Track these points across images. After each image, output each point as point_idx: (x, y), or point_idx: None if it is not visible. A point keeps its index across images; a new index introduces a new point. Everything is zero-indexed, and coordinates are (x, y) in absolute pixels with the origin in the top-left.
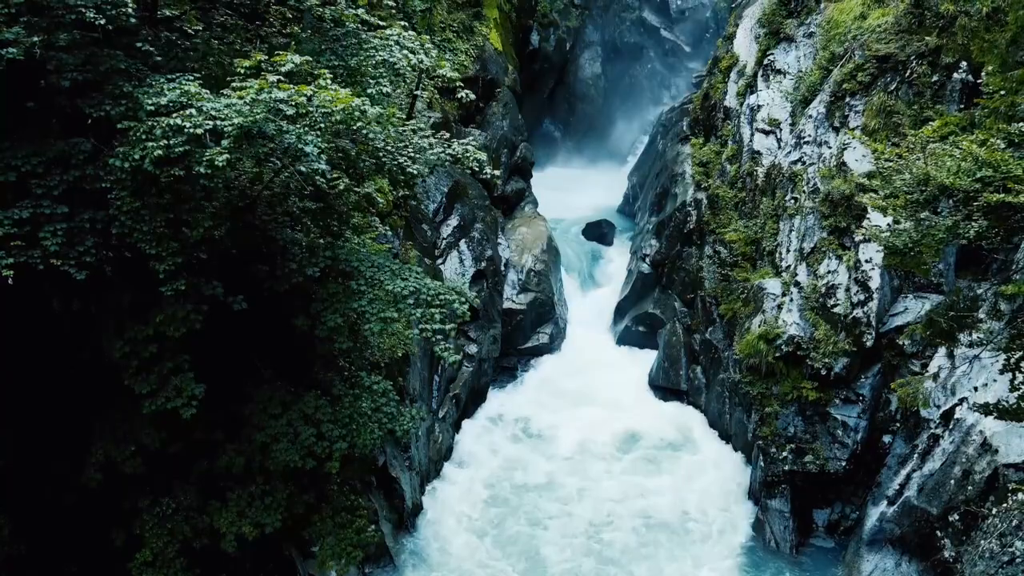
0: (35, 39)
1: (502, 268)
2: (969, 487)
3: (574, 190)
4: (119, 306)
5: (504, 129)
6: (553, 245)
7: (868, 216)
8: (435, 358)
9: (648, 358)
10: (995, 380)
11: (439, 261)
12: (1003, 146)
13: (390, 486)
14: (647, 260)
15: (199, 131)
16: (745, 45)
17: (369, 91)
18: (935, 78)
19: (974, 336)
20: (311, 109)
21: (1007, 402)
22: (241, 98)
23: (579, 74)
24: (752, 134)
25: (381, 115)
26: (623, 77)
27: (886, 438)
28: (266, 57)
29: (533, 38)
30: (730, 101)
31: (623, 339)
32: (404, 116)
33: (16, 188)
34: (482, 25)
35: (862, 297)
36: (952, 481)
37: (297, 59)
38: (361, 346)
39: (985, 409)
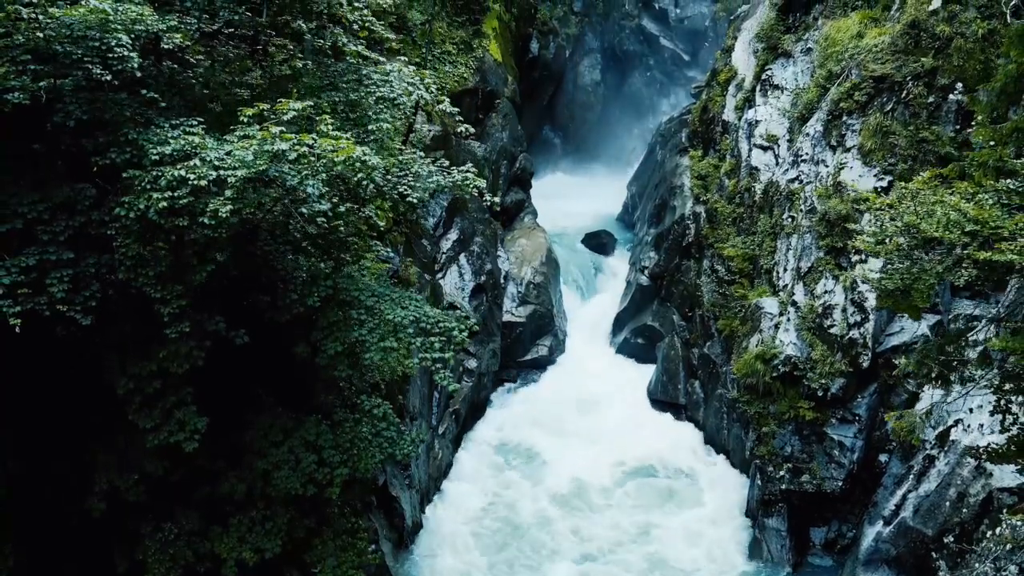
0: (41, 84)
1: (501, 281)
2: (964, 509)
3: (573, 197)
4: (122, 336)
5: (504, 140)
6: (552, 257)
7: (863, 235)
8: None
9: (647, 370)
10: (990, 401)
11: (439, 275)
12: (991, 202)
13: (390, 505)
14: (646, 272)
15: (203, 182)
16: (743, 59)
17: (370, 127)
18: (931, 99)
19: (966, 373)
20: (313, 159)
21: (997, 444)
22: (245, 148)
23: (578, 81)
24: (750, 149)
25: (381, 164)
26: (622, 85)
27: (882, 457)
28: (268, 106)
29: (533, 46)
30: (728, 115)
31: (622, 351)
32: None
33: (22, 234)
34: (482, 41)
35: (859, 318)
36: (947, 503)
37: (299, 106)
38: (361, 371)
39: (975, 453)
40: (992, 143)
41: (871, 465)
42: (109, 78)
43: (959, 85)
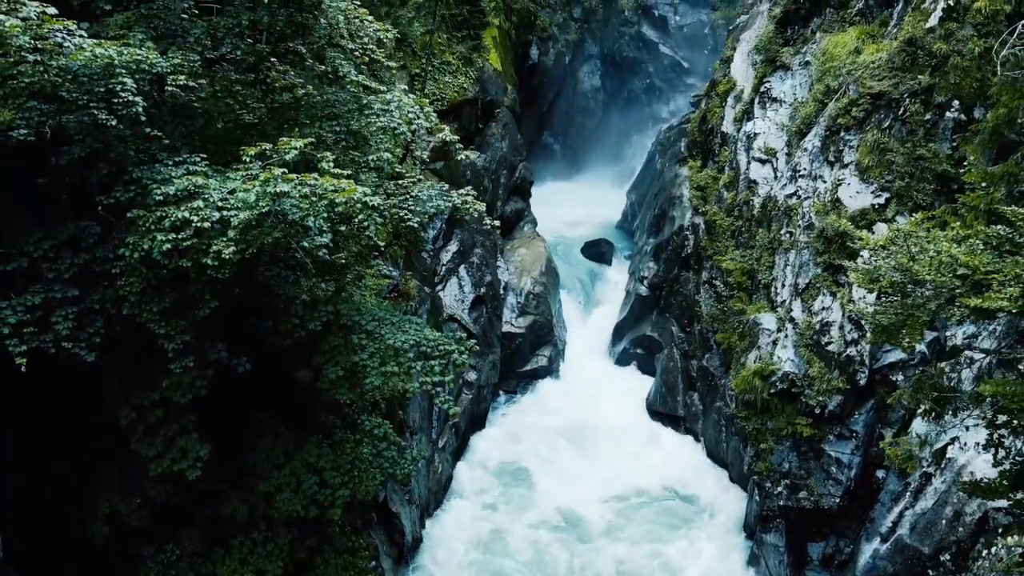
0: (47, 121)
1: (501, 292)
2: (960, 528)
3: (573, 204)
4: (124, 367)
5: (504, 150)
6: (552, 266)
7: (861, 255)
8: None
9: (646, 381)
10: (985, 429)
11: (439, 288)
12: (982, 247)
13: (390, 521)
14: (645, 283)
15: (206, 224)
16: (742, 70)
17: (370, 157)
18: (928, 116)
19: (959, 404)
20: (315, 199)
21: (990, 479)
22: (247, 190)
23: (578, 87)
24: (749, 162)
25: (382, 204)
26: (622, 91)
27: (879, 473)
28: (271, 146)
29: (532, 52)
30: (727, 127)
31: (621, 361)
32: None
33: (28, 272)
34: (481, 54)
35: (856, 335)
36: (944, 521)
37: (299, 144)
38: (362, 392)
39: (968, 488)
40: (984, 184)
41: (868, 481)
42: (114, 123)
43: (956, 103)
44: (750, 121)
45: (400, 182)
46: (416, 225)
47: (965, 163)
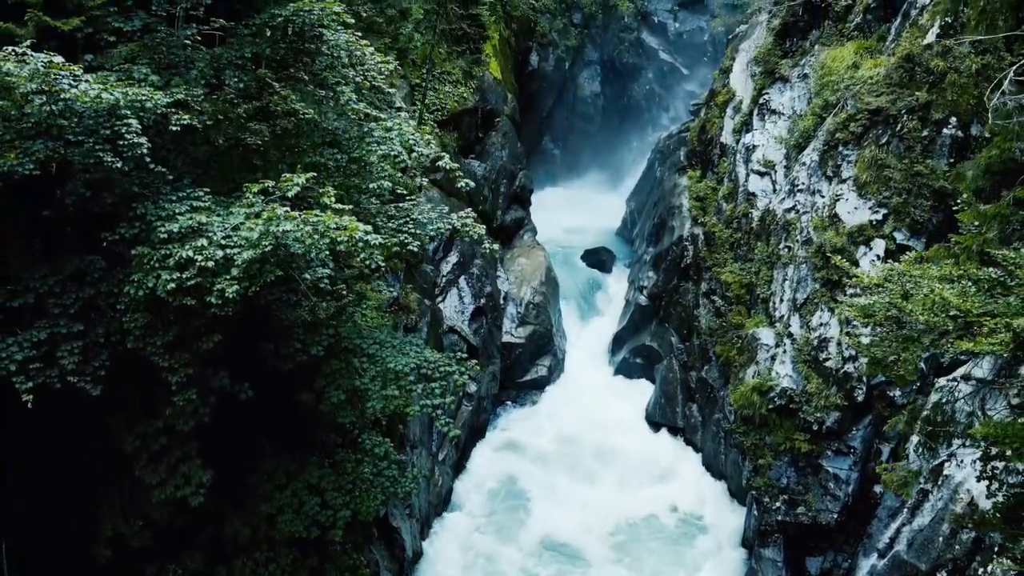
0: (53, 157)
1: (501, 302)
2: (957, 546)
3: (573, 210)
4: (128, 396)
5: (504, 159)
6: (552, 276)
7: (857, 273)
8: None
9: (645, 390)
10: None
11: (439, 299)
12: (974, 290)
13: (391, 536)
14: (645, 292)
15: (210, 263)
16: (741, 81)
17: (371, 186)
18: (925, 132)
19: (954, 436)
20: (317, 236)
21: (984, 510)
22: (251, 229)
23: (578, 93)
24: (748, 175)
25: (383, 243)
26: (621, 97)
27: (877, 488)
28: (273, 183)
29: (532, 59)
30: (726, 137)
31: (621, 370)
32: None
33: (34, 308)
34: (481, 68)
35: (853, 352)
36: (940, 538)
37: (301, 180)
38: (363, 413)
39: (960, 520)
40: (976, 223)
41: (866, 496)
42: (119, 165)
43: (953, 119)
44: (749, 133)
45: (401, 205)
46: (416, 249)
47: (959, 199)
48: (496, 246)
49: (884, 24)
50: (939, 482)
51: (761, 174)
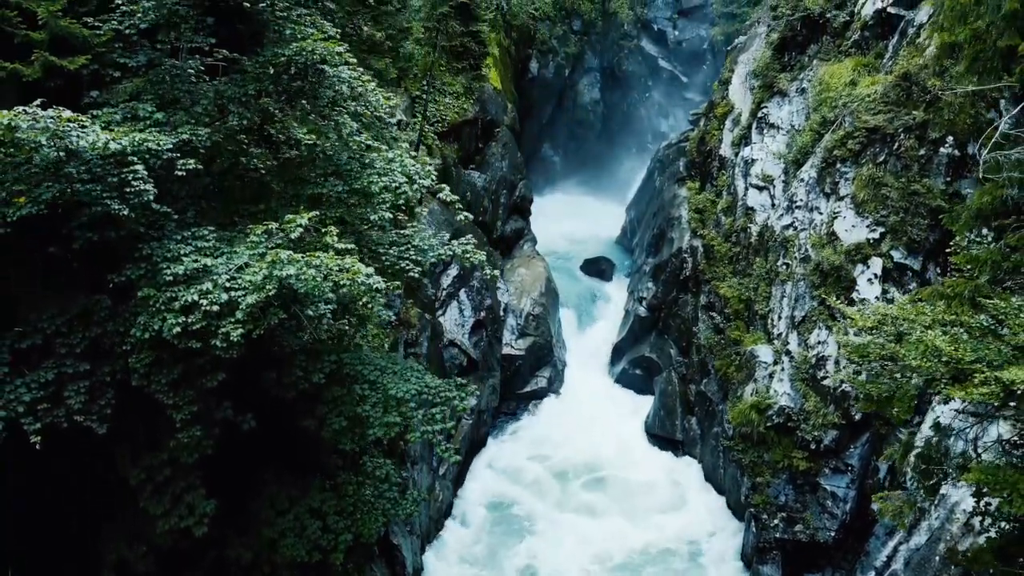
0: (60, 199)
1: (501, 313)
2: (953, 566)
3: (573, 216)
4: (133, 430)
5: (504, 170)
6: (552, 286)
7: (857, 289)
8: None
9: (645, 402)
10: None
11: (439, 313)
12: (966, 337)
13: (392, 553)
14: (644, 303)
15: (215, 307)
16: (740, 94)
17: (372, 217)
18: (922, 151)
19: (949, 472)
20: (320, 279)
21: (977, 545)
22: (255, 273)
23: (578, 99)
24: (746, 189)
25: (385, 285)
26: (621, 104)
27: (875, 505)
28: (277, 224)
29: (532, 66)
30: (725, 150)
31: (620, 381)
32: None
33: (41, 348)
34: (481, 83)
35: (851, 371)
36: (937, 558)
37: (304, 221)
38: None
39: (956, 559)
40: (968, 266)
41: (864, 513)
42: (127, 212)
43: (950, 139)
44: (748, 146)
45: (403, 232)
46: (417, 275)
47: (951, 243)
48: (496, 271)
49: (882, 41)
50: (936, 502)
51: (760, 188)
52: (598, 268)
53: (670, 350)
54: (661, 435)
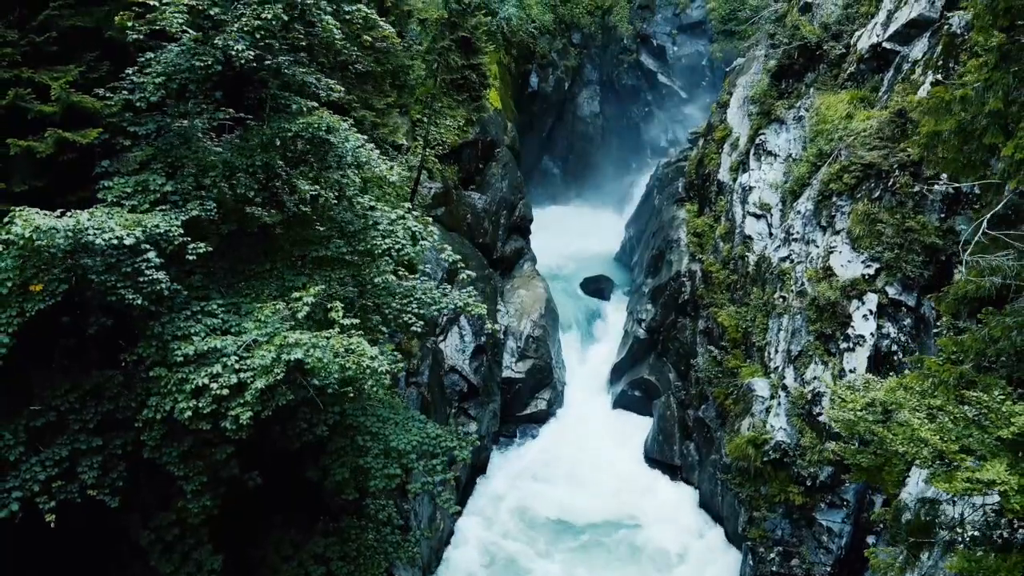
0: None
1: (501, 336)
2: None
3: (573, 231)
4: (142, 497)
5: (504, 191)
6: (551, 307)
7: (852, 324)
8: None
9: (643, 424)
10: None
11: (439, 339)
12: (951, 426)
13: None
14: (643, 325)
15: (225, 391)
16: (738, 118)
17: (376, 280)
18: (916, 188)
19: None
20: (325, 362)
21: None
22: (263, 356)
23: (578, 112)
24: (744, 216)
25: (389, 367)
26: (621, 118)
27: (870, 539)
28: (284, 303)
29: (532, 80)
30: (723, 175)
31: (619, 403)
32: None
33: (55, 425)
34: (481, 114)
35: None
36: None
37: (311, 299)
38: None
39: None
40: (955, 351)
41: (859, 547)
42: (140, 302)
43: (944, 176)
44: (746, 173)
45: (406, 284)
46: (420, 330)
47: (938, 323)
48: (497, 325)
49: (877, 75)
50: (932, 536)
51: (757, 216)
52: (597, 287)
53: (669, 373)
54: (659, 459)
